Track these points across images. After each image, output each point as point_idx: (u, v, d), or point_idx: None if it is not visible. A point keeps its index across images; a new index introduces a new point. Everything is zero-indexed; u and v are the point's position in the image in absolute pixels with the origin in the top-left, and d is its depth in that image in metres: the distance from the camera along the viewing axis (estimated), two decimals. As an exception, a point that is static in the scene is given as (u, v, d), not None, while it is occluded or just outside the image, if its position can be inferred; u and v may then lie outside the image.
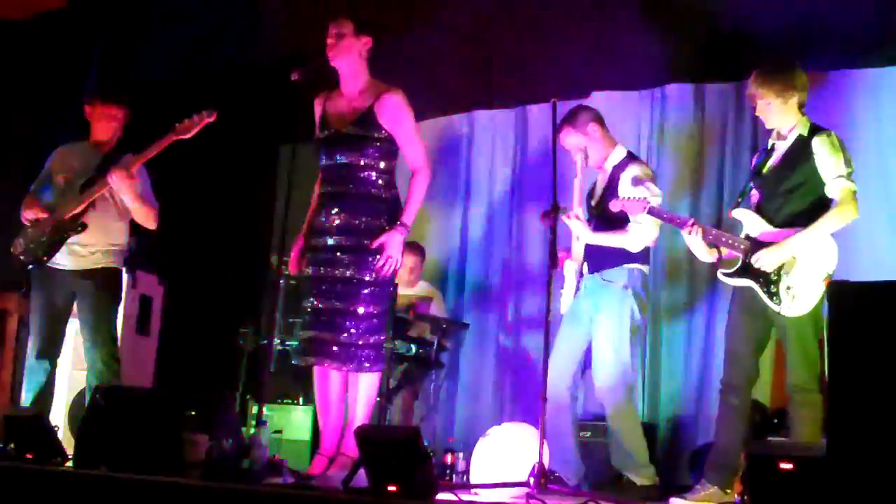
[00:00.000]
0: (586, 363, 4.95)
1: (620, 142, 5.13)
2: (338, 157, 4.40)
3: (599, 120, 5.04)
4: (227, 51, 7.05)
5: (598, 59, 6.27)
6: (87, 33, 7.08)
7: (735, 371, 4.35)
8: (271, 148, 7.29)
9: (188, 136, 4.98)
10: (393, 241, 4.32)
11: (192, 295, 7.00)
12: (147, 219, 5.23)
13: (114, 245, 5.24)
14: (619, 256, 4.84)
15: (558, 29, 6.30)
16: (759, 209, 4.38)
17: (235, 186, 7.37)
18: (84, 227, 5.07)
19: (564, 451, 4.87)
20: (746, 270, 4.30)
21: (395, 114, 4.40)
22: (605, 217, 4.82)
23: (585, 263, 4.94)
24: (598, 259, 4.90)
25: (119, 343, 5.92)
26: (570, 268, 5.01)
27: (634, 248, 4.82)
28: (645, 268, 4.90)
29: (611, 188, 4.90)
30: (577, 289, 4.95)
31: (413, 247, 6.22)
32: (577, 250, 4.98)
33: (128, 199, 5.10)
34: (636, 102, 6.35)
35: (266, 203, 7.33)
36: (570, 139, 5.00)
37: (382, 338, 4.37)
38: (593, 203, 5.02)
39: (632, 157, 5.02)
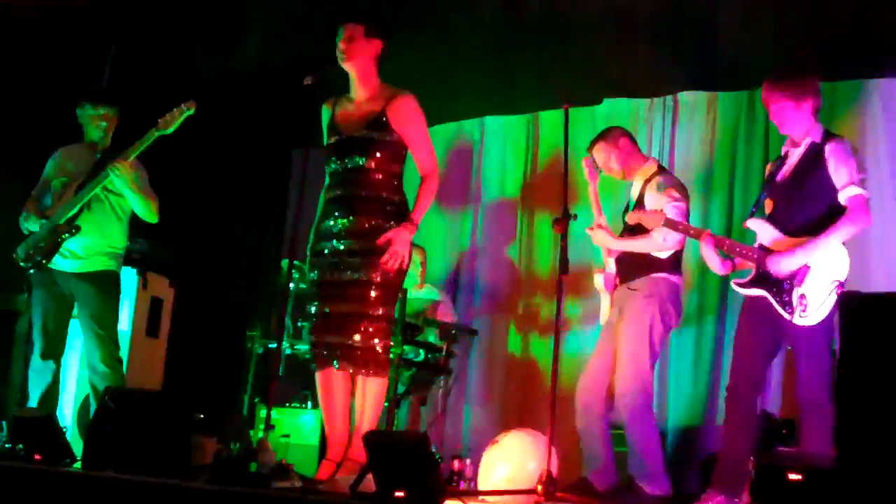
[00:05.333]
0: None
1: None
2: (348, 161, 4.39)
3: (629, 136, 5.17)
4: (239, 54, 7.06)
5: (610, 66, 6.27)
6: (102, 33, 7.10)
7: (742, 378, 4.32)
8: (283, 152, 7.30)
9: (170, 130, 5.04)
10: (400, 238, 4.30)
11: (203, 298, 7.01)
12: (148, 211, 5.26)
13: (112, 247, 5.26)
14: (646, 266, 4.87)
15: (571, 36, 6.29)
16: (773, 218, 4.35)
17: (247, 190, 7.38)
18: (78, 229, 5.10)
19: (597, 459, 4.87)
20: (760, 280, 4.27)
21: (407, 117, 4.39)
22: (637, 230, 4.82)
23: (617, 276, 5.01)
24: (627, 270, 4.96)
25: (128, 345, 5.94)
26: (601, 281, 5.07)
27: (661, 252, 4.83)
28: (674, 277, 4.90)
29: (640, 201, 4.94)
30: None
31: (414, 248, 6.23)
32: (610, 263, 5.08)
33: (127, 191, 5.13)
34: (647, 110, 6.35)
35: (278, 207, 7.34)
36: (602, 153, 5.12)
37: (390, 342, 4.36)
38: (627, 217, 5.03)
39: (661, 171, 5.07)
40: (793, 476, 2.92)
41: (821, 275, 4.13)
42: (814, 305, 4.11)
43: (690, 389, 5.88)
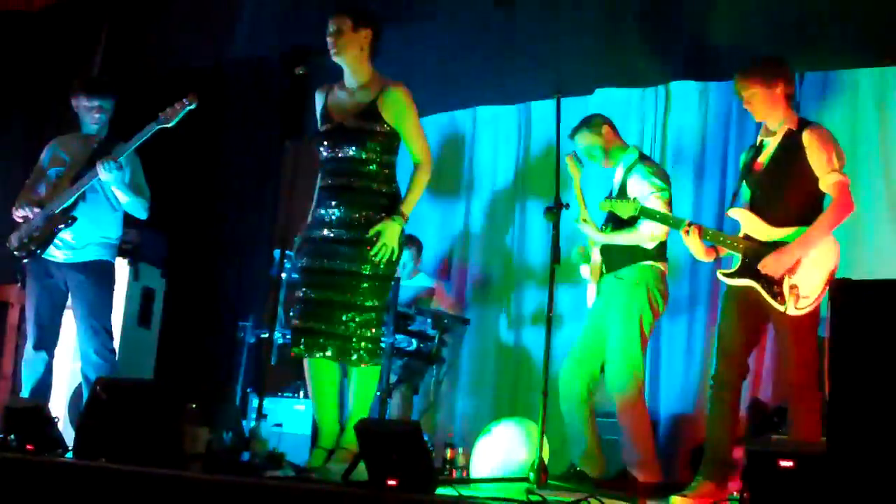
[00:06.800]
0: None
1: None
2: (339, 151, 4.39)
3: (611, 124, 5.21)
4: (231, 44, 7.04)
5: (602, 56, 6.26)
6: (92, 25, 7.07)
7: (727, 367, 4.33)
8: (275, 142, 7.29)
9: (171, 124, 4.99)
10: (389, 230, 4.31)
11: (194, 288, 7.01)
12: (137, 209, 5.24)
13: (106, 238, 5.25)
14: (632, 255, 4.90)
15: (563, 25, 6.28)
16: (755, 207, 4.35)
17: (239, 180, 7.36)
18: (74, 220, 5.08)
19: (582, 443, 4.90)
20: (747, 270, 4.27)
21: (398, 108, 4.39)
22: (621, 218, 4.83)
23: (603, 265, 5.01)
24: (613, 259, 4.98)
25: (120, 335, 5.93)
26: (587, 271, 5.08)
27: (648, 243, 4.84)
28: (660, 264, 4.94)
29: (622, 189, 4.94)
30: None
31: (409, 239, 6.23)
32: (595, 253, 5.08)
33: (117, 189, 5.11)
34: (639, 100, 6.35)
35: (269, 197, 7.33)
36: (585, 140, 5.16)
37: (381, 332, 4.37)
38: (599, 205, 5.03)
39: (643, 158, 5.08)
40: (784, 463, 2.93)
41: (812, 265, 4.13)
42: (806, 295, 4.11)
43: (682, 378, 5.89)
